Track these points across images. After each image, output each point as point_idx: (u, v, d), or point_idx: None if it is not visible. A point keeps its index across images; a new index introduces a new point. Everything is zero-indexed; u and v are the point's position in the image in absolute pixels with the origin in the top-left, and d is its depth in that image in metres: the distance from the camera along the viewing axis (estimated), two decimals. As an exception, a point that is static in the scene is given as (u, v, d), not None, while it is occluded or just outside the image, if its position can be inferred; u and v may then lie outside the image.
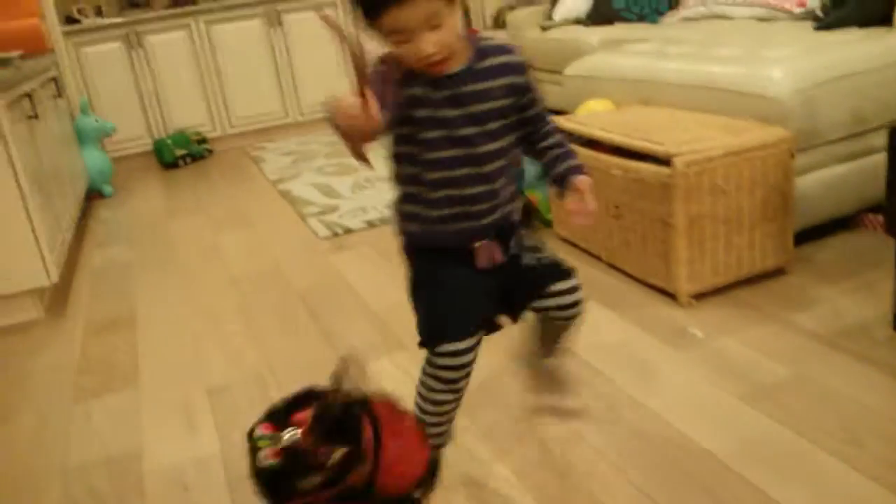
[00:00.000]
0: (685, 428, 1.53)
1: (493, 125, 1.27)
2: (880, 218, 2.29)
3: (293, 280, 2.62)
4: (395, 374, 1.89)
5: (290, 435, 1.21)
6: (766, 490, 1.34)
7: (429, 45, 1.16)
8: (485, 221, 1.31)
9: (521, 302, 1.43)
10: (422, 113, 1.25)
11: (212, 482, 1.58)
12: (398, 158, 1.31)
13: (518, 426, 1.62)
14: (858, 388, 1.58)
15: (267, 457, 1.19)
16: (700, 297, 2.05)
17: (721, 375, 1.69)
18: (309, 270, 2.70)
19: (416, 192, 1.31)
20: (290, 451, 1.18)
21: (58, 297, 2.78)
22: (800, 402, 1.56)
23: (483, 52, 1.27)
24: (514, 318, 1.44)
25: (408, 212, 1.34)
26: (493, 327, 1.42)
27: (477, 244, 1.33)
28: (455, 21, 1.19)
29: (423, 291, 1.37)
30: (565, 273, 1.41)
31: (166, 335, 2.33)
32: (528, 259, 1.39)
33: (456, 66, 1.24)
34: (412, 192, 1.32)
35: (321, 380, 1.85)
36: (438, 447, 1.44)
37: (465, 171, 1.27)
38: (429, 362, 1.34)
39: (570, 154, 1.36)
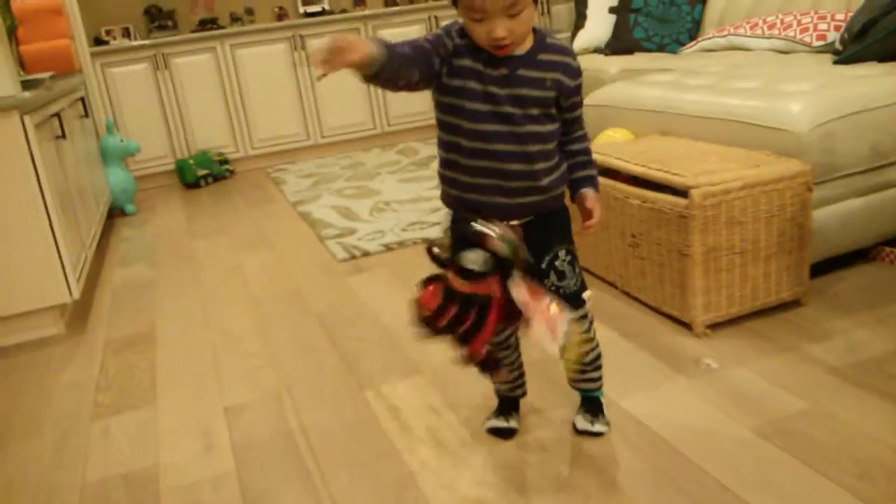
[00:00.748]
0: (697, 458, 1.53)
1: (534, 111, 1.37)
2: (897, 252, 2.29)
3: (311, 302, 2.65)
4: (411, 398, 1.90)
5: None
6: (778, 523, 1.34)
7: (503, 30, 1.28)
8: (519, 200, 1.40)
9: None
10: (472, 84, 1.35)
11: (227, 501, 1.59)
12: (444, 126, 1.41)
13: (545, 441, 1.63)
14: (872, 423, 1.58)
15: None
16: (715, 327, 2.06)
17: (735, 406, 1.69)
18: (327, 292, 2.72)
19: (456, 160, 1.40)
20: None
21: (79, 313, 2.83)
22: (813, 436, 1.56)
23: (545, 46, 1.38)
24: None
25: (448, 177, 1.44)
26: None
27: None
28: (531, 13, 1.31)
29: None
30: (573, 305, 1.49)
31: (185, 354, 2.36)
32: (551, 281, 1.48)
33: (517, 51, 1.35)
34: (453, 158, 1.41)
35: (337, 402, 1.88)
36: (507, 391, 1.67)
37: (506, 146, 1.36)
38: None
39: (589, 164, 1.48)
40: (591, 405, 1.66)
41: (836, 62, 2.68)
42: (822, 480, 1.43)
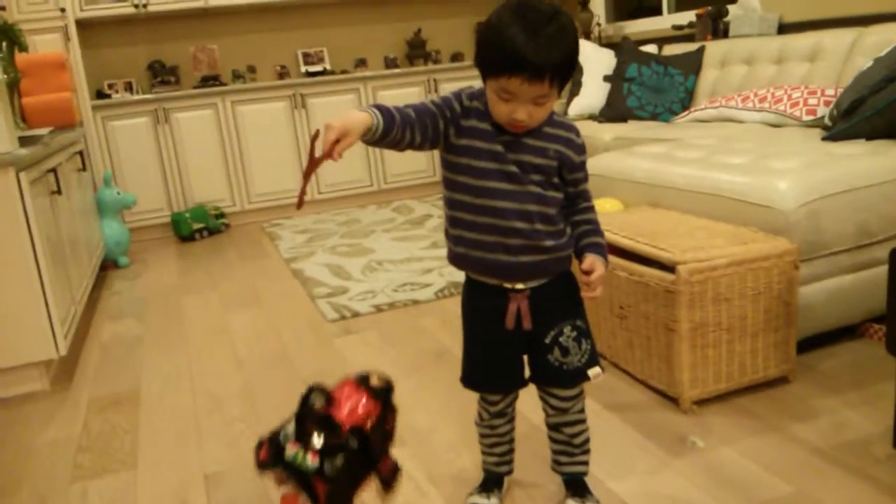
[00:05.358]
0: (681, 543, 1.51)
1: (535, 177, 1.40)
2: (884, 329, 2.29)
3: (298, 365, 2.63)
4: (393, 469, 1.88)
5: (319, 438, 1.26)
6: None
7: (525, 114, 1.33)
8: (522, 259, 1.42)
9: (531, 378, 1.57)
10: (478, 144, 1.39)
11: (201, 575, 1.56)
12: (450, 184, 1.44)
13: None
14: (858, 510, 1.56)
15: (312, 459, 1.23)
16: (702, 402, 2.05)
17: (720, 488, 1.68)
18: (314, 355, 2.71)
19: (461, 217, 1.43)
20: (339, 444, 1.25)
21: (64, 369, 2.81)
22: (798, 522, 1.54)
23: (552, 121, 1.42)
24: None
25: (454, 235, 1.47)
26: (524, 383, 1.56)
27: (511, 296, 1.46)
28: (553, 103, 1.36)
29: (464, 331, 1.57)
30: (571, 382, 1.53)
31: (168, 416, 2.34)
32: (554, 356, 1.50)
33: None
34: (458, 216, 1.44)
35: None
36: (493, 466, 1.68)
37: (508, 204, 1.39)
38: None
39: (595, 233, 1.49)
40: (578, 486, 1.64)
41: (824, 138, 2.72)
42: (805, 570, 1.41)
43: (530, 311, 1.47)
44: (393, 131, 1.33)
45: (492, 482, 1.69)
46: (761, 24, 3.94)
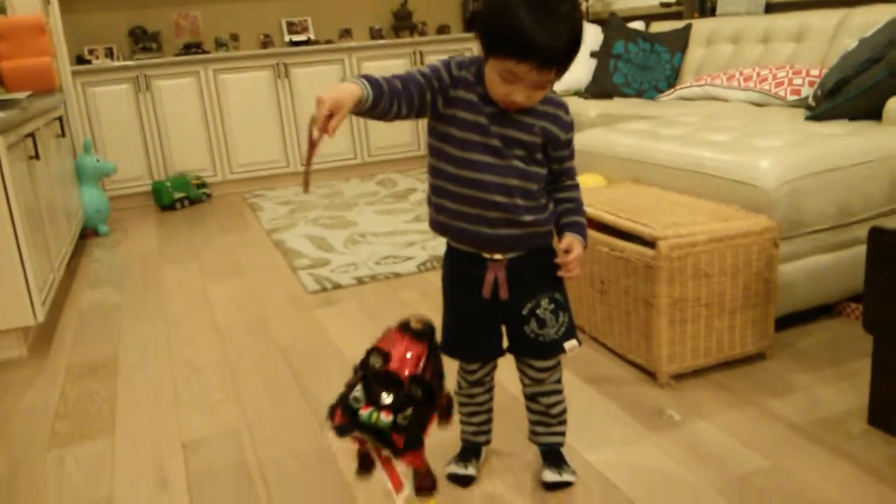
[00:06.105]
0: (655, 514, 1.53)
1: (519, 151, 1.40)
2: (861, 308, 2.31)
3: (277, 335, 2.63)
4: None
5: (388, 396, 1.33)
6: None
7: (523, 97, 1.32)
8: (501, 231, 1.42)
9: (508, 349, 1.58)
10: (463, 115, 1.38)
11: (177, 541, 1.56)
12: (434, 152, 1.44)
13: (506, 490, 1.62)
14: (831, 484, 1.58)
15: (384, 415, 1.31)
16: (679, 377, 2.06)
17: (696, 461, 1.69)
18: (294, 326, 2.71)
19: (444, 186, 1.43)
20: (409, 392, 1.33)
21: (42, 336, 2.79)
22: (771, 495, 1.56)
23: (542, 97, 1.39)
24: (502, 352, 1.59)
25: (436, 203, 1.47)
26: (502, 352, 1.58)
27: (489, 265, 1.46)
28: (550, 87, 1.35)
29: (444, 299, 1.58)
30: (548, 354, 1.54)
31: (146, 384, 2.33)
32: (530, 328, 1.51)
33: None
34: (441, 185, 1.44)
35: (297, 440, 1.85)
36: (471, 435, 1.69)
37: (489, 177, 1.39)
38: None
39: (576, 212, 1.50)
40: (555, 457, 1.65)
41: (808, 118, 2.73)
42: (776, 541, 1.43)
43: (508, 282, 1.47)
44: (381, 103, 1.31)
45: (469, 452, 1.69)
46: (749, 2, 3.93)
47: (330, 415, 1.36)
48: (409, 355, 1.37)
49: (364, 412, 1.31)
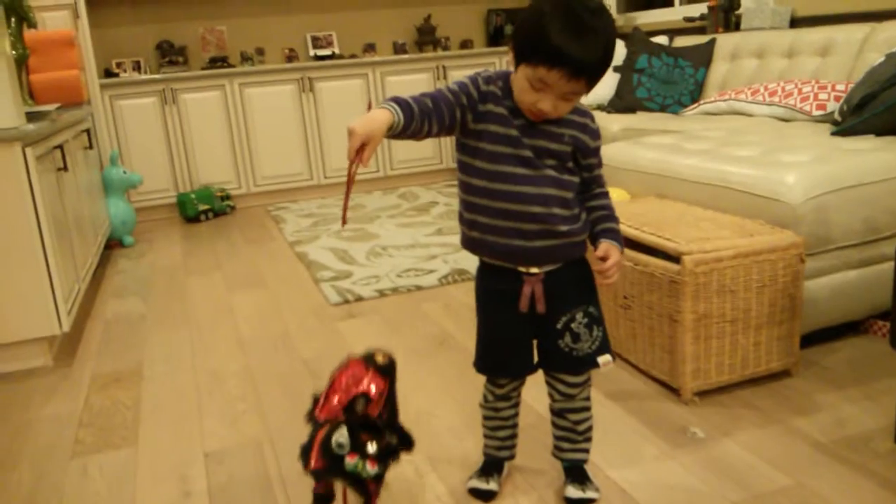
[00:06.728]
0: (678, 532, 1.51)
1: (550, 161, 1.40)
2: (889, 325, 2.28)
3: (300, 346, 2.63)
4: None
5: (372, 446, 1.36)
6: None
7: (551, 106, 1.33)
8: (537, 244, 1.42)
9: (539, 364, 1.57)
10: (493, 128, 1.39)
11: (199, 551, 1.57)
12: (465, 168, 1.44)
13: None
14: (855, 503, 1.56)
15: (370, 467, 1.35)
16: (703, 394, 2.05)
17: (719, 479, 1.67)
18: (317, 338, 2.71)
19: (476, 202, 1.43)
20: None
21: (67, 345, 2.82)
22: (797, 514, 1.54)
23: None
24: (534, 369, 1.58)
25: (468, 219, 1.46)
26: (534, 368, 1.57)
27: (525, 279, 1.46)
28: (579, 99, 1.36)
29: (478, 317, 1.57)
30: (580, 369, 1.54)
31: (170, 394, 2.34)
32: (565, 342, 1.50)
33: None
34: (472, 200, 1.44)
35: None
36: (494, 450, 1.68)
37: (524, 188, 1.39)
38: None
39: (610, 219, 1.49)
40: (578, 473, 1.64)
41: (834, 133, 2.71)
42: (802, 562, 1.41)
43: (544, 295, 1.47)
44: (412, 124, 1.32)
45: (492, 466, 1.69)
46: (773, 17, 3.91)
47: (303, 456, 1.36)
48: (373, 388, 1.40)
49: (350, 461, 1.31)
